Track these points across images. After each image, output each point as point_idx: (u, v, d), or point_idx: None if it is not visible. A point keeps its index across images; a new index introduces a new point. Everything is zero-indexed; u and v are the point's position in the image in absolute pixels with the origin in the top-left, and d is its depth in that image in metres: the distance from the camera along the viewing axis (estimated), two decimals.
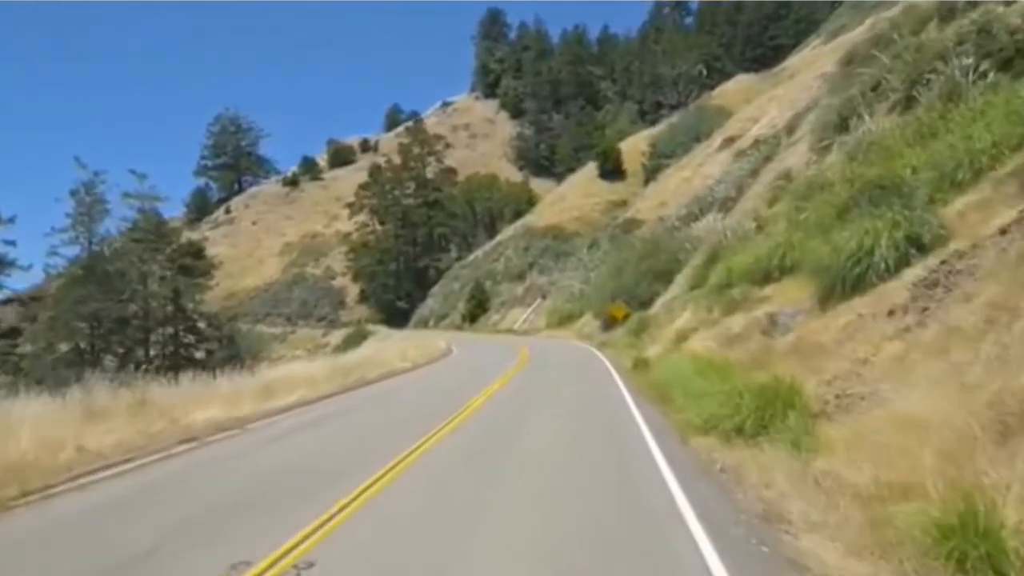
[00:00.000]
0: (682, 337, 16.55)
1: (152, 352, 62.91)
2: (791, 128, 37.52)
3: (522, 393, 15.60)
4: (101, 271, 54.58)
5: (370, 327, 69.42)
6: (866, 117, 18.28)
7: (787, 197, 19.84)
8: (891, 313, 8.70)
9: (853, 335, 9.13)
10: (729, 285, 16.09)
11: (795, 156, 25.25)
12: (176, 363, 62.29)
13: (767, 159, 36.04)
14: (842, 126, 20.41)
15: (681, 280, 26.12)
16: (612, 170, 75.82)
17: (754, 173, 36.45)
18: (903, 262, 9.59)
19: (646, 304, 30.25)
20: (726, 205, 36.33)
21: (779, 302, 13.14)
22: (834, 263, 10.79)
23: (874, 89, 20.00)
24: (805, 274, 12.49)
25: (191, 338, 66.42)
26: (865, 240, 10.16)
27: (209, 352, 66.31)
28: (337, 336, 75.50)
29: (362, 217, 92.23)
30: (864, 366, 8.11)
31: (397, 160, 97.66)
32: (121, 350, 56.60)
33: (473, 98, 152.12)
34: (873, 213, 10.63)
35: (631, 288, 32.27)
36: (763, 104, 62.89)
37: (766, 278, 14.65)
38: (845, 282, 10.39)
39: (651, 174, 69.05)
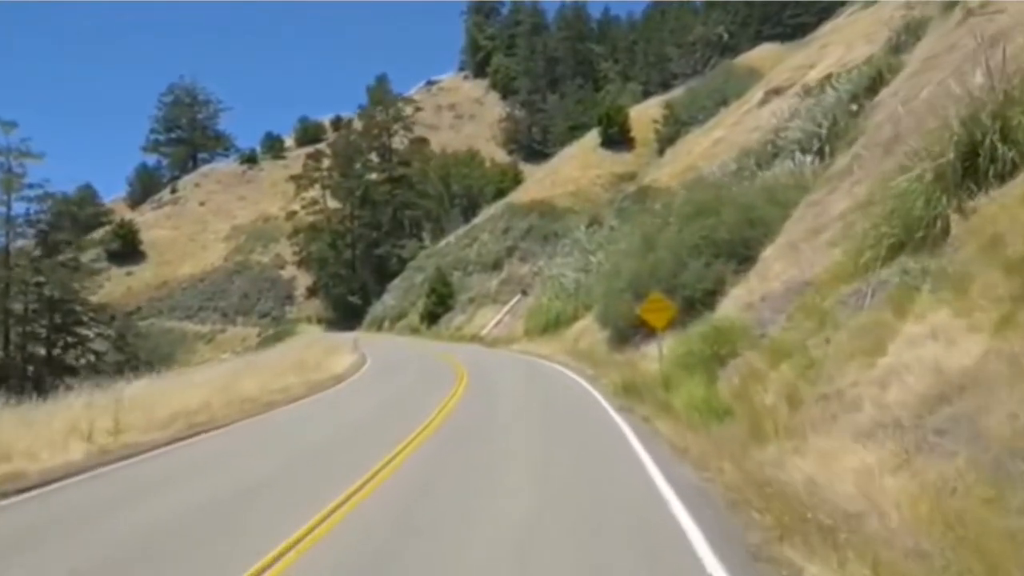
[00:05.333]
0: None
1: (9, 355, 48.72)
2: (900, 38, 26.39)
3: None
4: None
5: (300, 327, 55.18)
6: None
7: None
8: None
9: None
10: None
11: None
12: (41, 372, 47.95)
13: (876, 75, 24.64)
14: None
15: (834, 250, 11.53)
16: (618, 138, 60.95)
17: (855, 97, 24.66)
18: None
19: (702, 301, 15.94)
20: (810, 144, 24.65)
21: None
22: None
23: None
24: None
25: (70, 338, 52.17)
26: None
27: (97, 356, 52.38)
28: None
29: (312, 193, 77.11)
30: None
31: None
32: None
33: (461, 77, 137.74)
34: None
35: (668, 273, 17.84)
36: (813, 53, 50.47)
37: None
38: None
39: (667, 142, 54.85)
